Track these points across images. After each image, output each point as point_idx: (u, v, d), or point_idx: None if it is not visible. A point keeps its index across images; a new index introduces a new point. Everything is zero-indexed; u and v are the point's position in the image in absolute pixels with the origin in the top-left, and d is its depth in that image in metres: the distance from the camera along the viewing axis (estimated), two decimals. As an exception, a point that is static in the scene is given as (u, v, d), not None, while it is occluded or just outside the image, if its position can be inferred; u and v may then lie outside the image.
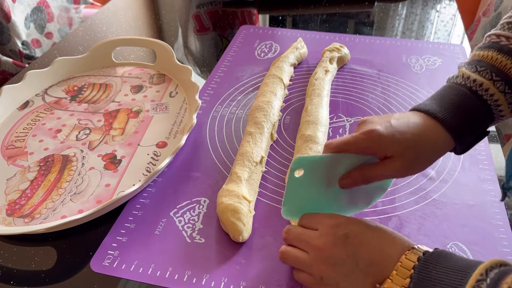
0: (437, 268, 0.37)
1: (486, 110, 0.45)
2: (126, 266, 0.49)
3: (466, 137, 0.45)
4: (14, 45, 0.92)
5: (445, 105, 0.45)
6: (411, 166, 0.44)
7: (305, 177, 0.46)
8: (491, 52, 0.45)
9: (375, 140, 0.43)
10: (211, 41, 0.97)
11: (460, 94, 0.45)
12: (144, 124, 0.68)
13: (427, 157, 0.45)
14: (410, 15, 1.04)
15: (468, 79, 0.45)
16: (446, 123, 0.44)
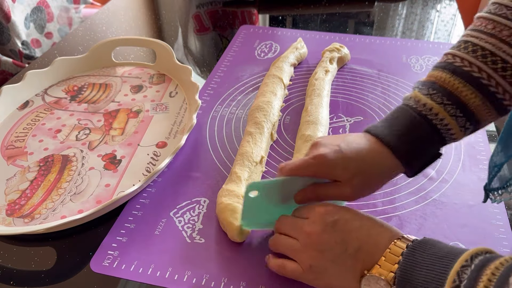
0: (423, 255, 0.37)
1: (436, 135, 0.44)
2: (126, 266, 0.49)
3: (414, 162, 0.45)
4: (14, 45, 0.92)
5: (394, 130, 0.45)
6: (359, 191, 0.45)
7: (260, 197, 0.48)
8: (445, 73, 0.45)
9: (323, 165, 0.44)
10: (211, 41, 0.97)
11: (410, 118, 0.45)
12: (144, 124, 0.68)
13: (375, 182, 0.46)
14: (410, 15, 1.04)
15: (418, 103, 0.45)
16: (395, 149, 0.44)
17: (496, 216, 0.54)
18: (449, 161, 0.62)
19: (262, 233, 0.52)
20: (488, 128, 0.68)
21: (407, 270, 0.37)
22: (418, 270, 0.36)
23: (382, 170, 0.45)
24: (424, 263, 0.36)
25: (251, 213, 0.49)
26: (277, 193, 0.48)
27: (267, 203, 0.49)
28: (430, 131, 0.44)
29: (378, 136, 0.45)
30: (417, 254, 0.37)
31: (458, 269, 0.34)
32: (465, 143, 0.65)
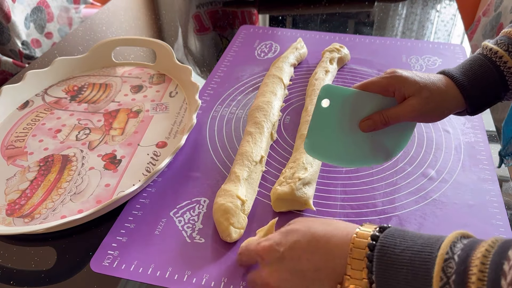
0: (396, 252, 0.34)
1: (499, 76, 0.49)
2: (126, 266, 0.49)
3: (475, 99, 0.50)
4: (14, 45, 0.92)
5: (462, 69, 0.51)
6: (426, 107, 0.48)
7: (330, 109, 0.49)
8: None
9: (396, 79, 0.49)
10: (211, 41, 0.97)
11: (476, 60, 0.51)
12: (144, 124, 0.68)
13: (440, 104, 0.49)
14: (410, 15, 1.04)
15: (486, 49, 0.51)
16: (458, 82, 0.49)
17: (496, 216, 0.54)
18: (449, 161, 0.62)
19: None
20: (488, 128, 0.68)
21: (384, 273, 0.34)
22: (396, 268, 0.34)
23: (448, 99, 0.49)
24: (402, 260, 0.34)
25: (318, 132, 0.50)
26: (348, 108, 0.50)
27: (336, 121, 0.50)
28: (495, 74, 0.49)
29: (446, 72, 0.51)
30: (389, 251, 0.35)
31: (441, 264, 0.31)
32: (465, 143, 0.65)
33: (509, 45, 0.50)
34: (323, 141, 0.50)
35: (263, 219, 0.54)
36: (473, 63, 0.51)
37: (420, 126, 0.69)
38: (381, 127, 0.49)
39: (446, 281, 0.31)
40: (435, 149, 0.64)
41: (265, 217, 0.55)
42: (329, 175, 0.60)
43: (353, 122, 0.50)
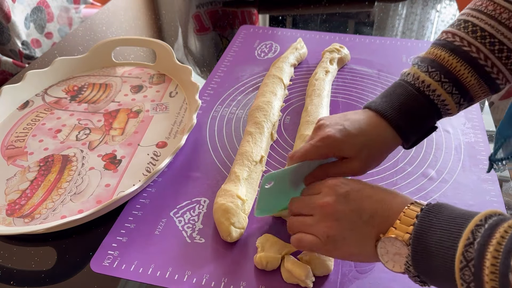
0: (438, 216, 0.38)
1: (432, 109, 0.48)
2: (126, 266, 0.49)
3: (410, 133, 0.48)
4: (14, 45, 0.92)
5: (393, 105, 0.48)
6: (366, 164, 0.48)
7: (273, 187, 0.50)
8: (443, 52, 0.48)
9: (331, 145, 0.47)
10: (211, 41, 0.97)
11: (408, 94, 0.48)
12: (144, 124, 0.68)
13: (379, 154, 0.49)
14: (410, 15, 1.04)
15: (417, 80, 0.48)
16: (393, 122, 0.47)
17: (496, 216, 0.54)
18: (449, 161, 0.62)
19: (262, 232, 0.52)
20: (488, 128, 0.68)
21: (423, 230, 0.37)
22: (433, 230, 0.37)
23: (384, 142, 0.48)
24: (439, 223, 0.37)
25: (265, 203, 0.51)
26: (289, 180, 0.50)
27: (280, 191, 0.50)
28: (427, 106, 0.47)
29: (378, 111, 0.48)
30: (432, 215, 0.38)
31: (472, 228, 0.35)
32: (465, 143, 0.65)
33: (441, 74, 0.47)
34: (271, 205, 0.52)
35: (263, 219, 0.54)
36: (406, 97, 0.48)
37: (420, 126, 0.69)
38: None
39: (471, 241, 0.34)
40: (435, 149, 0.64)
41: (265, 217, 0.55)
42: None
43: (298, 181, 0.51)
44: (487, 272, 0.32)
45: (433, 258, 0.36)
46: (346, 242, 0.42)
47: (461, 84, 0.47)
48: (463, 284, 0.34)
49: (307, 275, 0.46)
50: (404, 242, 0.38)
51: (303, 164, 0.49)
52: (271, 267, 0.48)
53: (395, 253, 0.39)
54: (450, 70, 0.47)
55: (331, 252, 0.44)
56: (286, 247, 0.49)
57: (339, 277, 0.48)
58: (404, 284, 0.47)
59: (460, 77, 0.46)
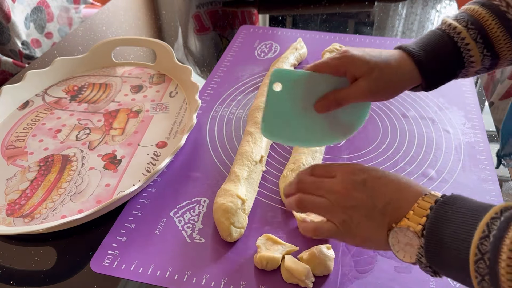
0: (453, 208, 0.38)
1: (455, 52, 0.49)
2: (126, 266, 0.49)
3: (431, 73, 0.49)
4: (14, 45, 0.92)
5: (419, 43, 0.50)
6: (376, 88, 0.48)
7: (283, 92, 0.49)
8: (475, 5, 0.50)
9: (346, 59, 0.48)
10: (211, 41, 0.97)
11: (434, 35, 0.50)
12: (144, 124, 0.68)
13: (392, 82, 0.48)
14: (410, 15, 1.04)
15: (445, 23, 0.50)
16: (414, 56, 0.48)
17: (496, 216, 0.54)
18: (449, 161, 0.62)
19: (261, 232, 0.52)
20: (488, 128, 0.68)
21: (438, 221, 0.37)
22: (448, 222, 0.37)
23: (400, 72, 0.48)
24: (454, 215, 0.37)
25: (273, 114, 0.49)
26: (301, 91, 0.49)
27: (290, 103, 0.49)
28: (452, 49, 0.49)
29: (402, 46, 0.50)
30: (447, 207, 0.38)
31: (487, 220, 0.34)
32: (465, 143, 0.65)
33: (468, 21, 0.49)
34: (279, 124, 0.50)
35: (263, 218, 0.54)
36: (431, 37, 0.50)
37: (420, 126, 0.69)
38: (334, 108, 0.49)
39: (487, 234, 0.34)
40: (435, 149, 0.64)
41: (265, 217, 0.55)
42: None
43: (308, 103, 0.50)
44: (503, 265, 0.32)
45: (447, 250, 0.36)
46: (360, 229, 0.42)
47: (487, 34, 0.48)
48: (478, 277, 0.34)
49: (307, 275, 0.46)
50: (416, 233, 0.38)
51: (316, 77, 0.48)
52: (271, 267, 0.48)
53: (407, 243, 0.39)
54: (477, 19, 0.49)
55: (345, 237, 0.44)
56: (286, 247, 0.50)
57: (339, 277, 0.48)
58: (404, 284, 0.47)
59: (486, 27, 0.48)
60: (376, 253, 0.50)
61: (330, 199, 0.44)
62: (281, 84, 0.49)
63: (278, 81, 0.49)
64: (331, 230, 0.44)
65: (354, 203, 0.42)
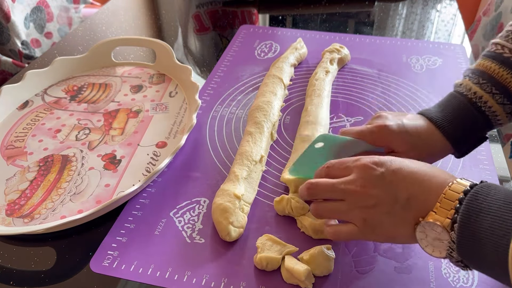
0: (487, 200, 0.36)
1: (484, 120, 0.50)
2: (126, 266, 0.49)
3: (462, 143, 0.50)
4: (13, 45, 0.91)
5: (446, 114, 0.51)
6: None
7: (322, 149, 0.53)
8: (494, 64, 0.50)
9: (385, 134, 0.49)
10: (211, 41, 0.96)
11: (460, 104, 0.51)
12: (144, 124, 0.68)
13: (426, 159, 0.47)
14: (410, 15, 1.04)
15: (469, 91, 0.51)
16: (445, 131, 0.50)
17: (497, 216, 0.54)
18: (449, 161, 0.62)
19: (261, 232, 0.52)
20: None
21: (471, 215, 0.35)
22: (482, 216, 0.35)
23: (434, 149, 0.51)
24: (490, 208, 0.35)
25: (305, 163, 0.54)
26: (338, 148, 0.52)
27: (324, 158, 0.52)
28: (479, 117, 0.50)
29: (432, 119, 0.51)
30: (481, 198, 0.36)
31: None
32: (465, 143, 0.65)
33: (492, 86, 0.49)
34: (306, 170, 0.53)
35: (263, 219, 0.54)
36: (459, 110, 0.50)
37: (420, 126, 0.69)
38: None
39: None
40: (435, 149, 0.64)
41: (265, 217, 0.55)
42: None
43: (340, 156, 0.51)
44: None
45: (482, 246, 0.34)
46: (384, 226, 0.41)
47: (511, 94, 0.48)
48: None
49: (307, 276, 0.46)
50: (444, 228, 0.37)
51: (354, 142, 0.52)
52: (271, 268, 0.48)
53: (435, 238, 0.38)
54: (500, 81, 0.49)
55: (368, 237, 0.43)
56: (286, 248, 0.49)
57: (339, 277, 0.48)
58: (405, 284, 0.47)
59: (511, 88, 0.48)
60: (377, 253, 0.50)
61: (348, 200, 0.42)
62: (323, 143, 0.53)
63: (321, 142, 0.53)
64: (352, 232, 0.43)
65: (373, 202, 0.40)
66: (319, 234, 0.51)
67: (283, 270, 0.48)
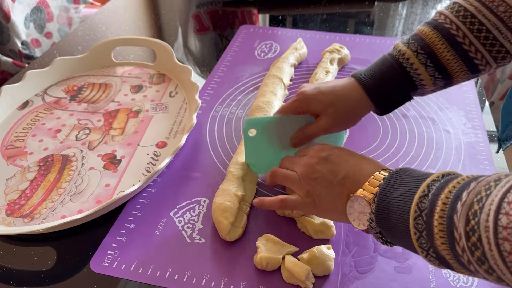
0: (402, 177, 0.41)
1: (406, 79, 0.51)
2: (126, 266, 0.49)
3: (381, 98, 0.53)
4: (13, 45, 0.91)
5: (369, 71, 0.53)
6: (334, 122, 0.53)
7: (258, 136, 0.55)
8: (427, 28, 0.51)
9: (303, 100, 0.54)
10: (211, 41, 0.96)
11: (384, 61, 0.53)
12: (144, 124, 0.68)
13: (346, 113, 0.53)
14: (410, 15, 1.04)
15: (395, 49, 0.53)
16: (365, 85, 0.52)
17: (497, 216, 0.54)
18: (450, 161, 0.62)
19: (261, 232, 0.52)
20: (488, 128, 0.68)
21: (386, 188, 0.41)
22: (395, 188, 0.40)
23: (354, 104, 0.53)
24: (402, 182, 0.40)
25: (254, 155, 0.57)
26: (275, 132, 0.56)
27: (267, 144, 0.56)
28: (401, 74, 0.51)
29: (354, 75, 0.54)
30: (397, 176, 0.41)
31: (428, 182, 0.37)
32: (465, 143, 0.65)
33: (418, 46, 0.50)
34: (261, 161, 0.57)
35: (263, 218, 0.54)
36: (382, 64, 0.53)
37: (421, 126, 0.69)
38: (307, 141, 0.55)
39: (426, 193, 0.37)
40: (435, 149, 0.64)
41: (265, 216, 0.55)
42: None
43: (285, 141, 0.56)
44: (436, 217, 0.35)
45: (393, 213, 0.39)
46: (321, 199, 0.46)
47: (437, 57, 0.49)
48: (416, 233, 0.37)
49: (307, 276, 0.46)
50: (368, 202, 0.42)
51: (284, 120, 0.55)
52: (271, 268, 0.48)
53: (361, 211, 0.43)
54: (428, 43, 0.50)
55: (309, 209, 0.48)
56: (286, 248, 0.49)
57: (339, 277, 0.48)
58: (405, 284, 0.47)
59: (436, 51, 0.49)
60: (377, 253, 0.50)
61: (298, 172, 0.49)
62: (255, 129, 0.55)
63: (251, 128, 0.55)
64: (297, 201, 0.48)
65: (316, 175, 0.47)
66: (319, 234, 0.51)
67: (283, 270, 0.48)
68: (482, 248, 0.31)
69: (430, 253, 0.36)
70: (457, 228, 0.33)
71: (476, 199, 0.32)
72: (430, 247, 0.36)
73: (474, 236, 0.31)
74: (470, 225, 0.32)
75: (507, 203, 0.30)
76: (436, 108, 0.72)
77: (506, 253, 0.29)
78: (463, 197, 0.33)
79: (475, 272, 0.34)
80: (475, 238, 0.31)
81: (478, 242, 0.31)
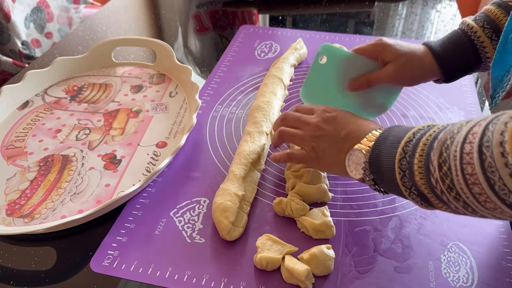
0: (395, 130, 0.46)
1: (472, 49, 0.57)
2: (126, 266, 0.49)
3: (448, 65, 0.58)
4: (14, 45, 0.92)
5: (440, 41, 0.59)
6: (401, 73, 0.58)
7: (327, 66, 0.60)
8: (493, 6, 0.57)
9: (380, 45, 0.59)
10: (211, 41, 0.97)
11: (454, 34, 0.59)
12: (144, 124, 0.68)
13: (414, 70, 0.58)
14: (410, 15, 1.04)
15: (464, 23, 0.59)
16: (434, 51, 0.58)
17: (496, 216, 0.54)
18: (449, 161, 0.62)
19: (261, 232, 0.52)
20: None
21: (379, 140, 0.46)
22: (387, 139, 0.45)
23: (423, 66, 0.58)
24: (393, 134, 0.45)
25: (313, 83, 0.61)
26: (341, 68, 0.60)
27: (330, 78, 0.60)
28: (468, 45, 0.57)
29: (427, 44, 0.59)
30: (390, 130, 0.47)
31: (415, 130, 0.43)
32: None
33: (484, 21, 0.56)
34: (317, 93, 0.61)
35: (263, 218, 0.54)
36: (451, 36, 0.59)
37: (420, 126, 0.69)
38: (364, 87, 0.60)
39: (411, 138, 0.42)
40: (435, 149, 0.64)
41: (265, 216, 0.55)
42: (329, 175, 0.60)
43: (345, 81, 0.60)
44: (417, 155, 0.40)
45: (382, 159, 0.45)
46: (325, 155, 0.51)
47: (501, 32, 0.54)
48: (400, 173, 0.42)
49: (307, 276, 0.46)
50: (363, 153, 0.47)
51: (355, 59, 0.59)
52: (271, 268, 0.48)
53: (357, 163, 0.48)
54: (493, 19, 0.56)
55: (313, 163, 0.53)
56: (286, 247, 0.49)
57: (339, 277, 0.48)
58: (404, 284, 0.47)
59: (501, 26, 0.55)
60: (377, 253, 0.50)
61: (304, 130, 0.53)
62: (326, 58, 0.59)
63: (324, 55, 0.59)
64: (302, 155, 0.53)
65: (322, 133, 0.51)
66: (319, 234, 0.52)
67: (283, 270, 0.48)
68: (451, 175, 0.36)
69: (412, 190, 0.42)
70: (432, 162, 0.38)
71: (449, 136, 0.38)
72: (412, 185, 0.41)
73: (445, 166, 0.37)
74: (442, 157, 0.37)
75: (471, 134, 0.35)
76: (436, 108, 0.72)
77: (469, 176, 0.34)
78: (440, 136, 0.39)
79: (448, 202, 0.38)
80: (446, 168, 0.37)
81: (448, 170, 0.36)
